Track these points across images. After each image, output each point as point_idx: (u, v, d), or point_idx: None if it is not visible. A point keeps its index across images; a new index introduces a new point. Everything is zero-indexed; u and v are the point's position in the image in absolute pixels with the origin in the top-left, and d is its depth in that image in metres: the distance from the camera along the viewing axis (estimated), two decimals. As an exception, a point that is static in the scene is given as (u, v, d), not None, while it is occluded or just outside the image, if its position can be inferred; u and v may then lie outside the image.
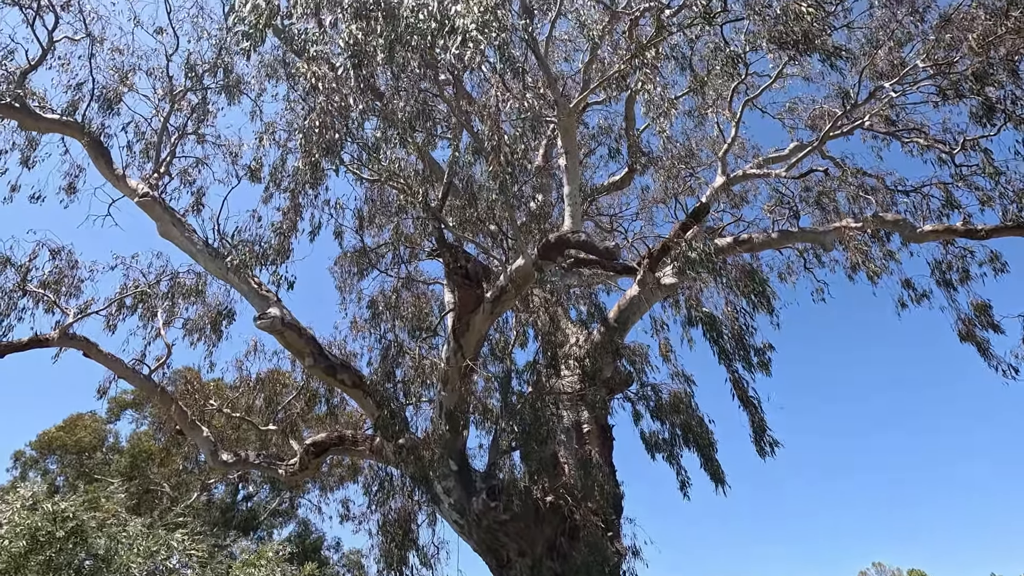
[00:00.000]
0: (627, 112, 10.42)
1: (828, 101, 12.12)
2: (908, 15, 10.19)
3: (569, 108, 8.52)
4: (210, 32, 10.03)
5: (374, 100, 8.74)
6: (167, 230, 8.26)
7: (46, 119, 8.45)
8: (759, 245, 10.46)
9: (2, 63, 8.42)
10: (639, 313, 10.00)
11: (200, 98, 9.36)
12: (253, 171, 9.62)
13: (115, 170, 8.61)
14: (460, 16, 4.78)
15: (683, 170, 11.64)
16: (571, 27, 11.83)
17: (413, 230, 10.52)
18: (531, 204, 10.44)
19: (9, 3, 8.78)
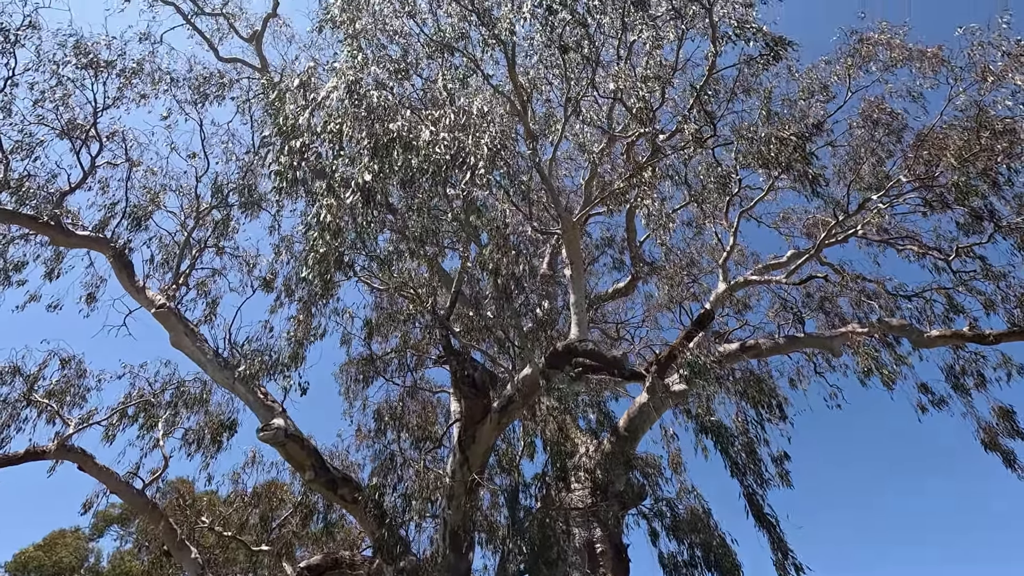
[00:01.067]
0: (628, 223, 10.91)
1: (820, 211, 12.67)
2: (885, 135, 10.96)
3: (572, 221, 8.94)
4: (238, 155, 10.90)
5: (387, 214, 9.25)
6: (179, 340, 8.39)
7: (77, 236, 8.93)
8: (766, 351, 10.42)
9: (45, 186, 9.10)
10: (649, 422, 9.76)
11: (224, 215, 9.94)
12: (268, 282, 9.94)
13: (136, 282, 8.93)
14: (472, 154, 5.20)
15: (685, 277, 11.92)
16: (572, 147, 12.77)
17: (421, 337, 10.63)
18: (537, 311, 10.62)
19: (61, 135, 9.65)
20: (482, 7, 7.78)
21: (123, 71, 9.49)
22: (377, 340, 11.51)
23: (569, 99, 8.66)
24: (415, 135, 5.29)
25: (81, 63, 9.07)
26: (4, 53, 8.39)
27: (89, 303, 10.65)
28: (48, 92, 9.19)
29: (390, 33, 8.90)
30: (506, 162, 5.71)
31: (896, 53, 9.92)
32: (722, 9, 8.35)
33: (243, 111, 10.93)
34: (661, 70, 8.92)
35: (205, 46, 10.72)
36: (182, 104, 10.29)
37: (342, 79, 5.49)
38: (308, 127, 5.19)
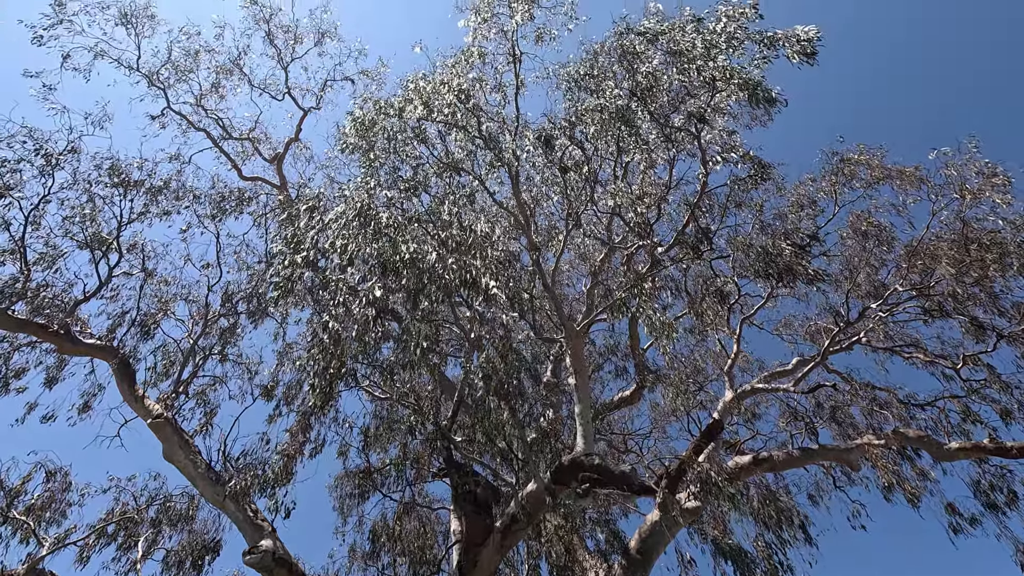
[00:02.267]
0: (631, 330, 10.96)
1: (820, 318, 12.78)
2: (876, 246, 11.35)
3: (576, 330, 9.00)
4: (250, 264, 11.28)
5: (391, 321, 9.36)
6: (172, 452, 8.12)
7: (85, 344, 8.99)
8: (781, 464, 9.99)
9: (60, 295, 9.34)
10: (663, 543, 9.12)
11: (231, 323, 10.07)
12: (268, 390, 9.82)
13: (136, 390, 8.83)
14: (481, 275, 5.40)
15: (691, 385, 11.75)
16: (574, 256, 13.19)
17: (421, 449, 10.27)
18: (541, 421, 10.35)
19: (82, 247, 10.08)
20: (488, 134, 8.43)
21: (150, 189, 10.13)
22: (375, 450, 11.13)
23: (570, 214, 9.10)
24: (422, 255, 5.51)
25: (113, 182, 9.71)
26: (44, 174, 9.04)
27: (83, 412, 10.46)
28: (78, 208, 9.75)
29: (402, 155, 9.59)
30: (510, 278, 5.88)
31: (877, 172, 10.55)
32: (708, 135, 9.04)
33: (259, 224, 11.51)
34: (656, 188, 9.48)
35: (229, 166, 11.52)
36: (201, 218, 10.86)
37: (351, 204, 5.83)
38: (314, 244, 5.42)
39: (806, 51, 7.76)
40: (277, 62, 11.34)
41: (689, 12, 7.85)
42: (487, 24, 8.16)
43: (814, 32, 7.91)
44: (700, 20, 7.62)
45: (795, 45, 7.71)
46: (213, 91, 11.27)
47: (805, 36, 7.82)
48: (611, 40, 8.46)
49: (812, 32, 7.90)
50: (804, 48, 7.71)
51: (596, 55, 9.27)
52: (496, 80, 8.64)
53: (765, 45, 7.89)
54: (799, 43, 7.66)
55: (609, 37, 8.75)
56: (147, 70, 10.60)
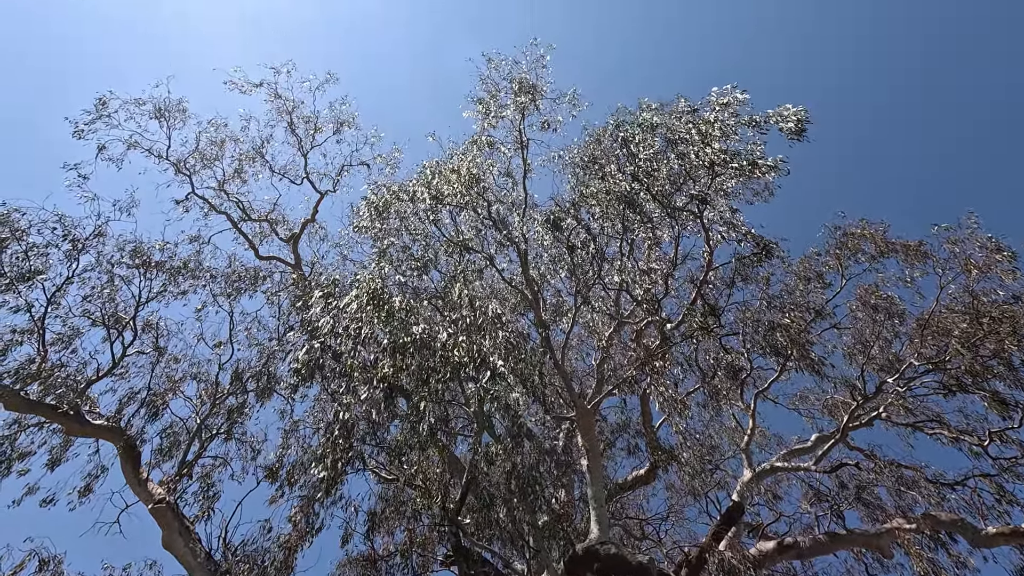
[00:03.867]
0: (643, 407, 10.77)
1: (837, 391, 12.51)
2: (886, 319, 11.29)
3: (587, 408, 8.87)
4: (260, 341, 11.37)
5: (400, 397, 9.28)
6: (171, 540, 7.85)
7: (92, 425, 8.93)
8: (808, 551, 9.44)
9: (73, 375, 9.41)
10: (687, 641, 8.48)
11: (240, 401, 10.02)
12: (273, 471, 9.60)
13: (140, 473, 8.67)
14: (490, 354, 5.46)
15: (707, 464, 11.37)
16: (583, 330, 13.19)
17: (428, 532, 9.85)
18: (553, 503, 9.97)
19: (96, 324, 10.27)
20: (497, 216, 8.74)
21: (170, 269, 10.45)
22: (381, 534, 10.67)
23: (578, 290, 9.24)
24: (433, 336, 5.59)
25: (134, 263, 10.05)
26: (70, 258, 9.40)
27: (83, 495, 10.20)
28: (98, 288, 10.03)
29: (414, 235, 9.91)
30: (519, 358, 5.91)
31: (880, 246, 10.69)
32: (711, 213, 9.31)
33: (272, 302, 11.72)
34: (662, 263, 9.64)
35: (247, 245, 11.91)
36: (216, 297, 11.09)
37: (363, 289, 6.00)
38: (331, 330, 5.53)
39: (796, 130, 8.14)
40: (297, 149, 12.02)
41: (685, 103, 8.33)
42: (493, 116, 8.68)
43: (803, 113, 8.33)
44: (695, 110, 8.08)
45: (786, 122, 8.11)
46: (236, 176, 11.88)
47: (794, 116, 8.23)
48: (611, 128, 8.93)
49: (801, 113, 8.32)
50: (794, 127, 8.10)
51: (599, 139, 9.76)
52: (505, 165, 9.06)
53: (757, 128, 8.29)
54: (788, 121, 8.05)
55: (609, 125, 9.25)
56: (175, 158, 11.26)
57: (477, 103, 8.83)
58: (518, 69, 9.18)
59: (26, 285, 9.04)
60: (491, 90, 8.97)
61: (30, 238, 9.14)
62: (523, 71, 9.03)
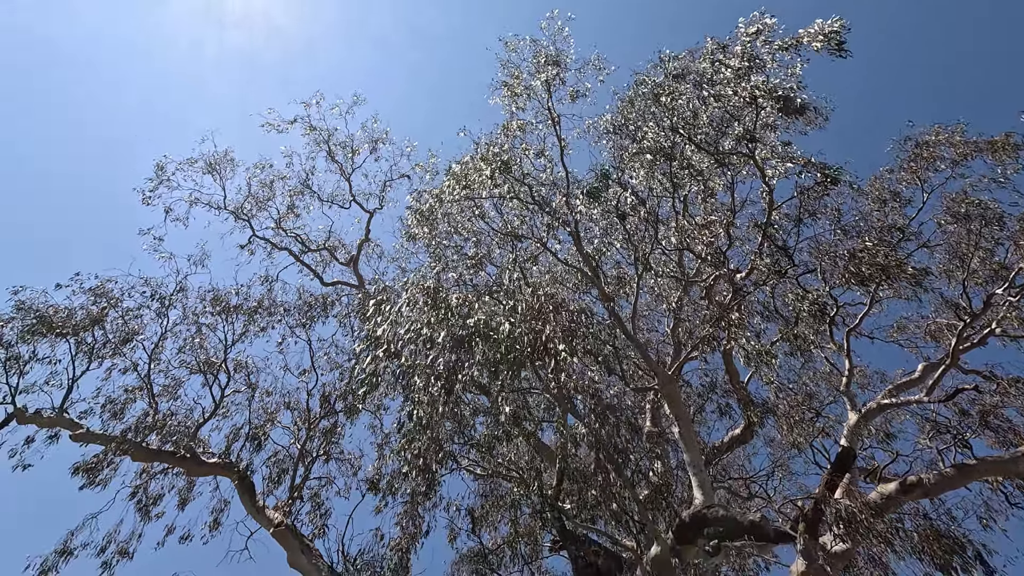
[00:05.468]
0: (727, 365, 10.36)
1: (939, 314, 11.53)
2: (983, 227, 10.26)
3: (668, 374, 8.64)
4: (340, 363, 11.90)
5: (479, 395, 9.40)
6: (296, 559, 8.37)
7: (208, 464, 9.69)
8: (935, 487, 8.75)
9: (183, 421, 10.24)
10: (817, 597, 8.10)
11: (331, 423, 10.53)
12: (373, 483, 10.02)
13: (256, 502, 9.31)
14: (551, 340, 5.41)
15: (806, 413, 10.79)
16: (649, 299, 12.87)
17: (531, 522, 9.95)
18: (651, 476, 9.79)
19: (194, 371, 11.11)
20: (540, 198, 8.65)
21: (247, 310, 11.15)
22: (485, 530, 10.89)
23: (637, 259, 8.99)
24: (495, 327, 5.61)
25: (215, 310, 10.80)
26: (160, 315, 10.25)
27: (213, 528, 11.04)
28: (188, 339, 10.86)
29: (463, 234, 10.00)
30: (587, 334, 5.82)
31: (961, 148, 9.73)
32: (762, 151, 8.78)
33: (343, 324, 12.22)
34: (720, 214, 9.21)
35: (311, 276, 12.48)
36: (293, 328, 11.71)
37: (416, 290, 6.10)
38: (393, 338, 5.66)
39: (834, 45, 7.47)
40: (340, 175, 12.43)
41: (712, 42, 7.89)
42: (520, 97, 8.58)
43: (838, 23, 7.61)
44: (724, 47, 7.63)
45: (820, 40, 7.45)
46: (289, 213, 12.45)
47: (830, 29, 7.55)
48: (639, 87, 8.61)
49: (836, 24, 7.61)
50: (831, 42, 7.43)
51: (631, 101, 9.44)
52: (539, 144, 8.95)
53: (794, 51, 7.69)
54: (824, 38, 7.40)
55: (636, 83, 8.91)
56: (233, 207, 11.94)
57: (503, 86, 8.76)
58: (538, 47, 9.03)
59: (128, 347, 9.87)
60: (514, 73, 8.88)
61: (124, 303, 9.98)
62: (544, 47, 8.87)
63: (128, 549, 10.04)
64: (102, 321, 9.85)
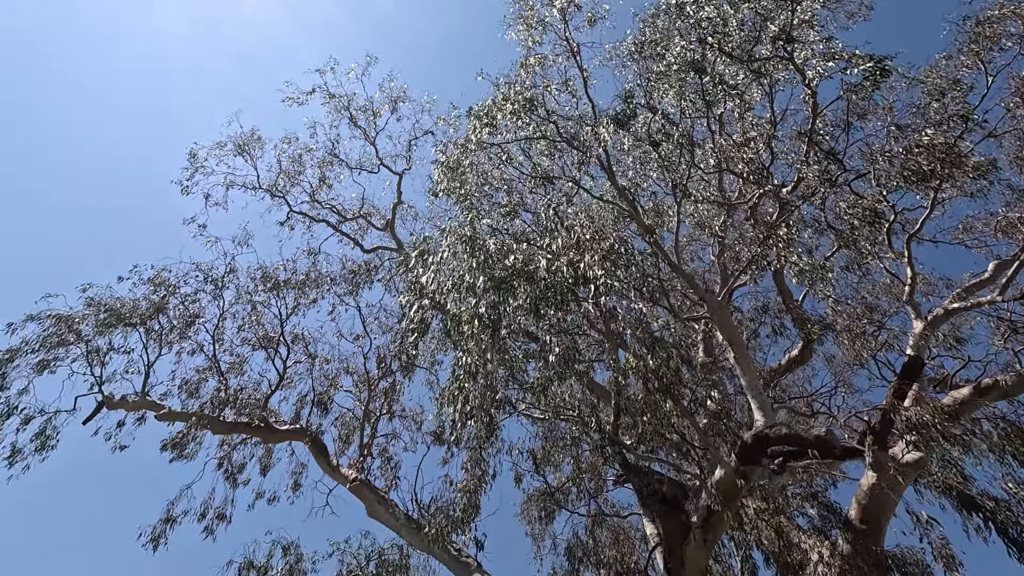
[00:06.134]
0: (779, 285, 10.03)
1: (1012, 208, 10.71)
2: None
3: (717, 300, 8.45)
4: (391, 325, 12.23)
5: (528, 343, 9.49)
6: (374, 510, 8.89)
7: (281, 431, 10.31)
8: (1013, 388, 8.35)
9: (252, 394, 10.86)
10: (889, 506, 8.01)
11: (390, 383, 10.93)
12: (437, 435, 10.41)
13: (330, 461, 9.87)
14: (590, 267, 5.32)
15: (867, 326, 10.40)
16: (691, 228, 12.49)
17: (592, 459, 10.17)
18: (708, 404, 9.76)
19: (255, 348, 11.67)
20: (568, 134, 8.38)
21: (296, 284, 11.54)
22: (548, 470, 11.22)
23: (675, 186, 8.67)
24: (534, 266, 5.57)
25: (266, 287, 11.22)
26: (216, 297, 10.75)
27: (295, 490, 11.83)
28: (245, 317, 11.36)
29: (493, 183, 9.86)
30: (629, 263, 5.70)
31: (1031, 19, 8.74)
32: (802, 51, 8.13)
33: (388, 287, 12.48)
34: (760, 127, 8.70)
35: (352, 245, 12.71)
36: (341, 297, 12.07)
37: (455, 237, 6.09)
38: (437, 287, 5.69)
39: None
40: (364, 139, 12.40)
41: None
42: (535, 30, 8.20)
43: None
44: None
45: None
46: (322, 184, 12.59)
47: None
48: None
49: None
50: None
51: (654, 17, 8.89)
52: (561, 77, 8.59)
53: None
54: None
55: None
56: (267, 185, 12.16)
57: (519, 20, 8.39)
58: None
59: (192, 330, 10.42)
60: (527, 5, 8.47)
61: (181, 290, 10.48)
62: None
63: (224, 513, 10.91)
64: (164, 308, 10.40)
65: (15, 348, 9.57)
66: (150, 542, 10.12)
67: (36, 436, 9.52)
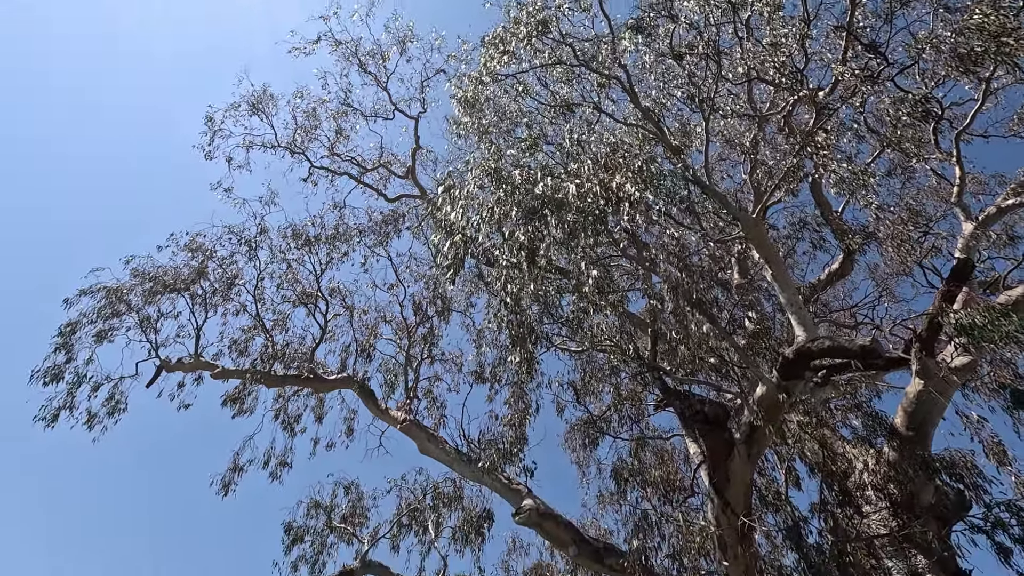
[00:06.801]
0: (816, 198, 9.64)
1: (1073, 92, 9.88)
2: None
3: (752, 218, 8.19)
4: (423, 273, 12.39)
5: (561, 278, 9.49)
6: (425, 447, 9.32)
7: (330, 380, 10.76)
8: (1072, 282, 8.01)
9: (298, 348, 11.32)
10: (936, 411, 7.95)
11: (428, 328, 11.19)
12: (479, 374, 10.71)
13: (379, 405, 10.31)
14: (621, 187, 5.17)
15: (912, 233, 9.98)
16: (720, 146, 12.00)
17: (632, 386, 10.32)
18: (746, 324, 9.68)
19: (295, 304, 12.04)
20: (585, 57, 7.99)
21: (326, 239, 11.72)
22: (589, 401, 11.47)
23: (702, 101, 8.25)
24: (563, 193, 5.45)
25: (298, 245, 11.44)
26: (251, 258, 11.05)
27: (348, 435, 12.48)
28: (282, 276, 11.68)
29: (512, 119, 9.58)
30: (658, 183, 5.53)
31: None
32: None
33: (416, 235, 12.54)
34: (792, 26, 8.09)
35: (375, 195, 12.72)
36: (372, 248, 12.22)
37: (481, 170, 5.98)
38: (466, 223, 5.66)
39: None
40: (376, 85, 12.11)
41: None
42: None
43: None
44: None
45: None
46: (339, 137, 12.48)
47: None
48: None
49: None
50: None
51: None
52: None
53: None
54: None
55: None
56: (286, 143, 12.12)
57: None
58: None
59: (234, 291, 10.78)
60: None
61: (218, 253, 10.77)
62: None
63: (287, 460, 11.65)
64: (205, 273, 10.75)
65: (74, 321, 10.12)
66: (221, 488, 10.94)
67: (107, 401, 10.20)
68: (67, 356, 9.94)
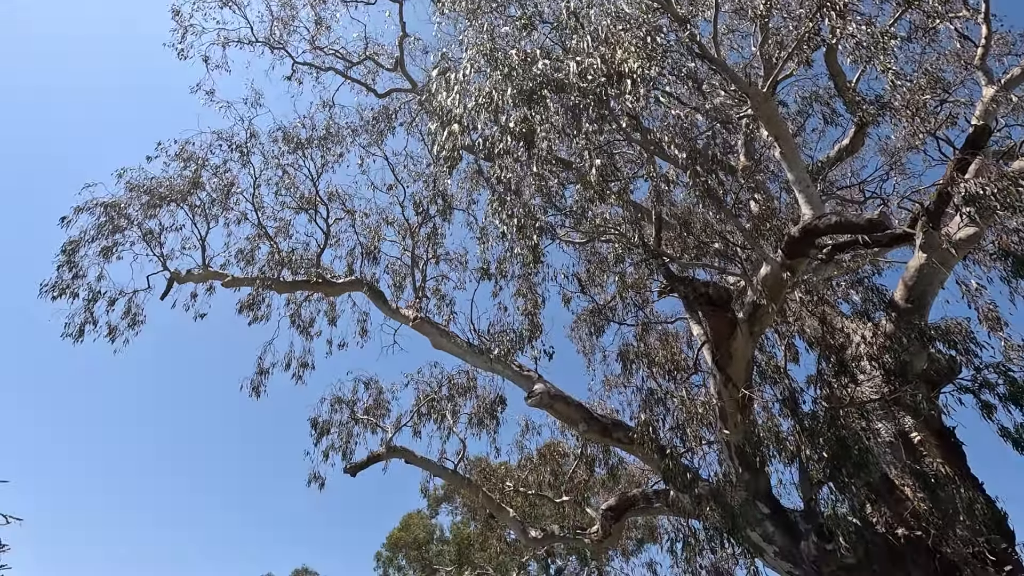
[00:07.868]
0: (830, 67, 9.10)
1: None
2: None
3: (762, 92, 7.80)
4: (420, 171, 12.11)
5: (563, 170, 9.26)
6: (438, 342, 9.68)
7: (339, 284, 10.95)
8: (1091, 146, 7.77)
9: (304, 254, 11.38)
10: (936, 282, 8.10)
11: (431, 228, 11.15)
12: (484, 270, 10.83)
13: (390, 305, 10.57)
14: (623, 62, 4.86)
15: (929, 100, 9.52)
16: (729, 18, 11.15)
17: (636, 274, 10.45)
18: (751, 206, 9.58)
19: (297, 211, 11.93)
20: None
21: (319, 141, 11.33)
22: (595, 291, 11.70)
23: (711, -39, 7.51)
24: (563, 73, 5.15)
25: (290, 148, 11.08)
26: (244, 164, 10.76)
27: (363, 336, 12.91)
28: (279, 181, 11.45)
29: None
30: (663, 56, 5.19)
31: None
32: None
33: (410, 131, 12.10)
34: None
35: (364, 91, 12.09)
36: (367, 148, 11.83)
37: (475, 50, 5.62)
38: (463, 110, 5.40)
39: None
40: (354, -36, 11.09)
41: None
42: None
43: None
44: None
45: None
46: (320, 28, 11.65)
47: None
48: None
49: None
50: None
51: None
52: None
53: None
54: None
55: None
56: (263, 37, 11.35)
57: None
58: None
59: (232, 200, 10.65)
60: None
61: (211, 161, 10.49)
62: None
63: (307, 362, 12.18)
64: (200, 183, 10.55)
65: (76, 239, 10.12)
66: (252, 391, 11.56)
67: (125, 314, 10.49)
68: (73, 274, 10.06)
